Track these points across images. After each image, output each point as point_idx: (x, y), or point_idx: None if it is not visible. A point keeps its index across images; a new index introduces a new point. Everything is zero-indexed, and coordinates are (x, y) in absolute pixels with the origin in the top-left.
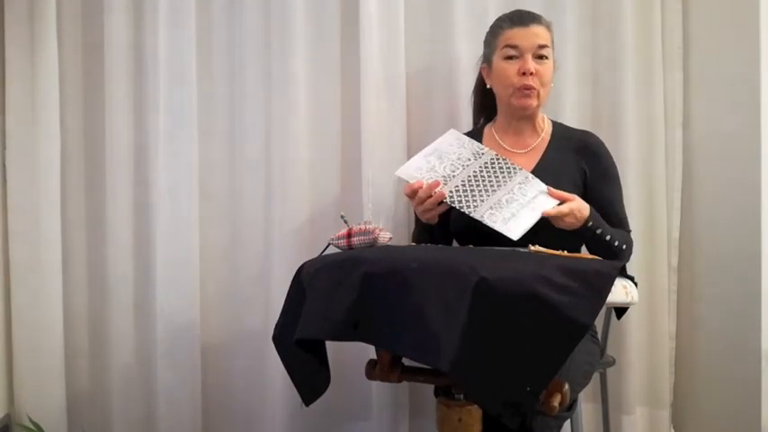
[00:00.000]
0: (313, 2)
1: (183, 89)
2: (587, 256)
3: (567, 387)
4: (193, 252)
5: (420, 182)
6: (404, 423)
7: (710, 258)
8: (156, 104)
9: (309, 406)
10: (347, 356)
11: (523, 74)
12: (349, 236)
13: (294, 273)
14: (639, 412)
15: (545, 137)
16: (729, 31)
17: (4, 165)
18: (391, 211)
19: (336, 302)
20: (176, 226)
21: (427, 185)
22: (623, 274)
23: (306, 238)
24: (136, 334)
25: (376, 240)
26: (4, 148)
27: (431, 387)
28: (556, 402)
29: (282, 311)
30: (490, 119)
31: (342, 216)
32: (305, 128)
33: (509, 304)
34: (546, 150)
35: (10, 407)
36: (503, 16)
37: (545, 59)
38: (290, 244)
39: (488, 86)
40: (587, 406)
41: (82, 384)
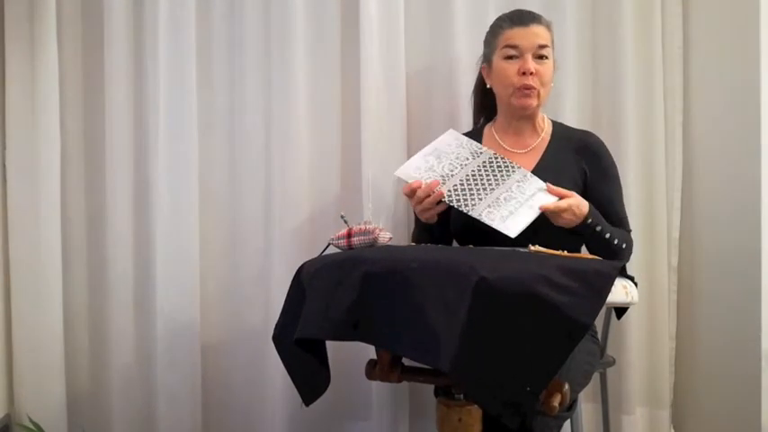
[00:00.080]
0: (313, 2)
1: (184, 89)
2: (587, 256)
3: (567, 387)
4: (193, 251)
5: (419, 181)
6: (404, 423)
7: (710, 258)
8: (156, 105)
9: (309, 406)
10: (347, 356)
11: (523, 74)
12: (349, 236)
13: (294, 272)
14: (639, 412)
15: (545, 137)
16: (729, 32)
17: (4, 165)
18: (391, 210)
19: (336, 302)
20: (176, 225)
21: (426, 185)
22: (623, 274)
23: (306, 237)
24: (136, 333)
25: (376, 240)
26: (4, 148)
27: (431, 387)
28: (556, 402)
29: (282, 311)
30: (490, 119)
31: (342, 216)
32: (305, 127)
33: (509, 304)
34: (546, 150)
35: (10, 407)
36: (503, 16)
37: (545, 59)
38: (290, 243)
39: (488, 86)
40: (587, 406)
41: (82, 383)
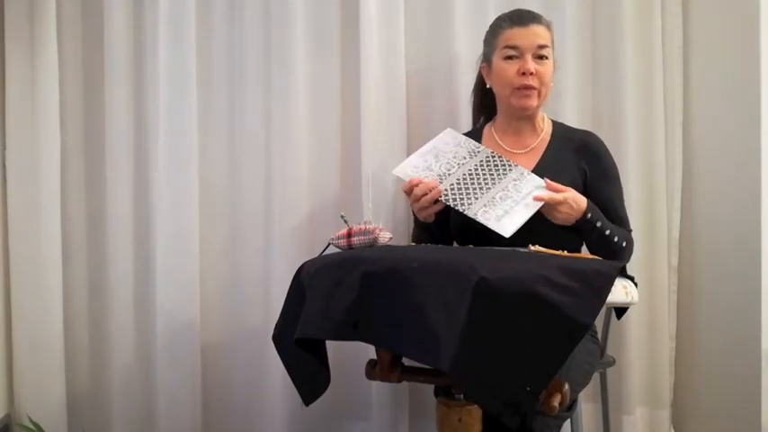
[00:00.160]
0: (313, 2)
1: (184, 89)
2: (587, 256)
3: (567, 387)
4: (193, 250)
5: (418, 178)
6: (404, 423)
7: (711, 258)
8: (156, 105)
9: (309, 406)
10: (347, 356)
11: (523, 74)
12: (349, 236)
13: (294, 272)
14: (639, 412)
15: (545, 137)
16: (729, 32)
17: (4, 165)
18: (391, 210)
19: (336, 302)
20: (176, 224)
21: (424, 183)
22: (623, 273)
23: (306, 237)
24: (136, 332)
25: (376, 240)
26: (4, 148)
27: (431, 387)
28: (556, 402)
29: (282, 311)
30: (490, 118)
31: (342, 216)
32: (305, 127)
33: (509, 304)
34: (546, 150)
35: (10, 407)
36: (502, 16)
37: (545, 59)
38: (290, 243)
39: (488, 86)
40: (587, 406)
41: (82, 382)
